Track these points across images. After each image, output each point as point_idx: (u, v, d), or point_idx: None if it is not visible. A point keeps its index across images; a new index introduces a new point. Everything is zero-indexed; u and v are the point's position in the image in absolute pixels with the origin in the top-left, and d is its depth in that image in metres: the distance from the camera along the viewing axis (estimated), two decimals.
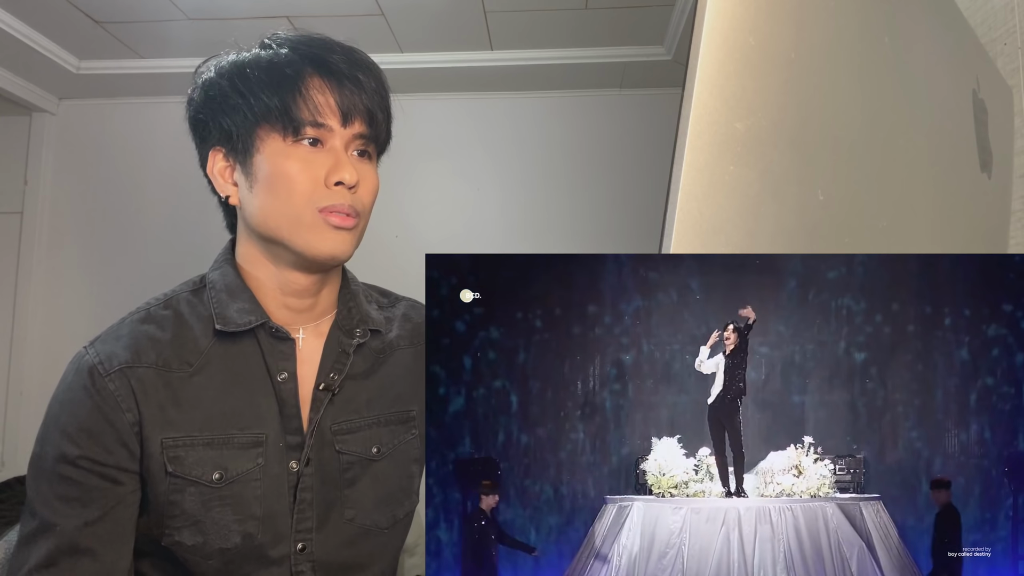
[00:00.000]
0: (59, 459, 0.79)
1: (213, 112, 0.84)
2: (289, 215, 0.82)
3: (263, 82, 0.82)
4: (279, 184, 0.81)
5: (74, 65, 2.91)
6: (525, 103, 3.24)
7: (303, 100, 0.81)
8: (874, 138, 0.65)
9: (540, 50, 2.90)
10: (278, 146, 0.82)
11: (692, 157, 0.43)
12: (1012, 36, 1.11)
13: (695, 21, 0.44)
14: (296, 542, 0.86)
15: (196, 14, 2.53)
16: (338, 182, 0.82)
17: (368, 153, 0.88)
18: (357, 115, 0.84)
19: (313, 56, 0.83)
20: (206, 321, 0.86)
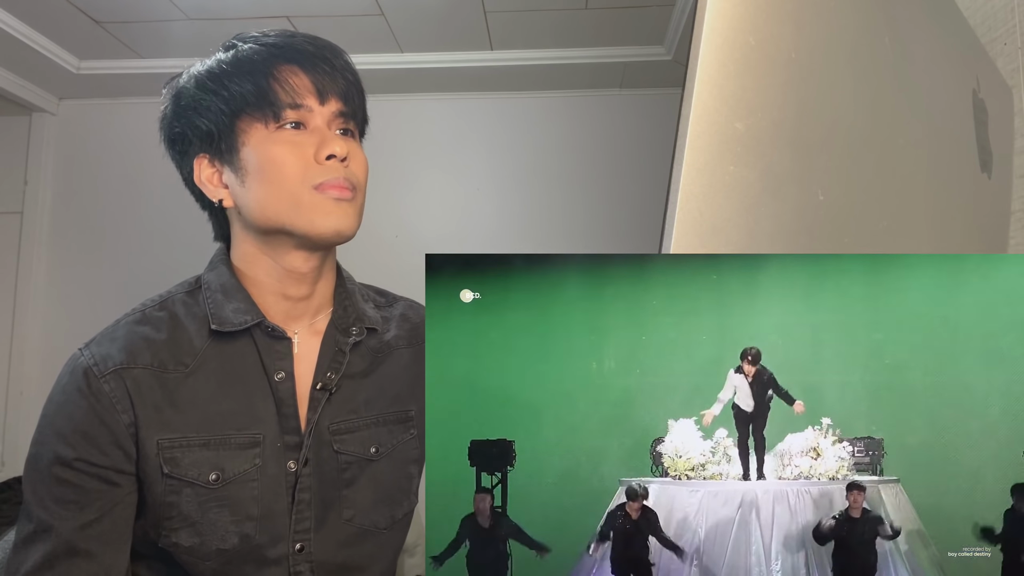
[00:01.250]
0: (55, 461, 0.78)
1: (188, 119, 0.84)
2: (286, 199, 0.81)
3: (233, 74, 0.82)
4: (270, 170, 0.81)
5: (74, 65, 2.91)
6: (525, 103, 3.24)
7: (277, 83, 0.82)
8: (874, 138, 0.65)
9: (540, 50, 2.90)
10: (262, 135, 0.82)
11: (692, 157, 0.43)
12: (1012, 36, 1.11)
13: (695, 21, 0.44)
14: (294, 543, 0.85)
15: (196, 14, 2.53)
16: (329, 155, 0.82)
17: (350, 131, 0.88)
18: (332, 93, 0.84)
19: (279, 45, 0.84)
20: (202, 321, 0.86)
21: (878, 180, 0.65)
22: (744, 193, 0.47)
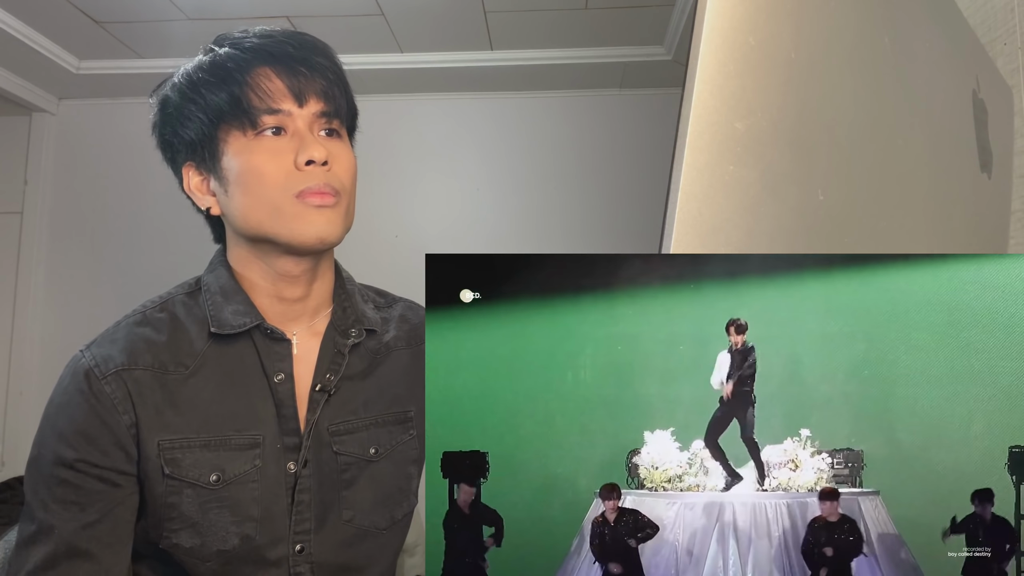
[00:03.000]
0: (56, 462, 0.79)
1: (173, 128, 0.84)
2: (267, 207, 0.80)
3: (208, 83, 0.81)
4: (250, 179, 0.80)
5: (74, 65, 2.91)
6: (525, 103, 3.24)
7: (251, 90, 0.80)
8: (874, 138, 0.65)
9: (540, 50, 2.90)
10: (241, 143, 0.81)
11: (692, 157, 0.43)
12: (1012, 36, 1.11)
13: (695, 21, 0.44)
14: (294, 543, 0.85)
15: (196, 14, 2.53)
16: (308, 161, 0.80)
17: (336, 131, 0.86)
18: (311, 94, 0.82)
19: (256, 48, 0.82)
20: (202, 323, 0.86)
21: (878, 180, 0.65)
22: (744, 193, 0.47)
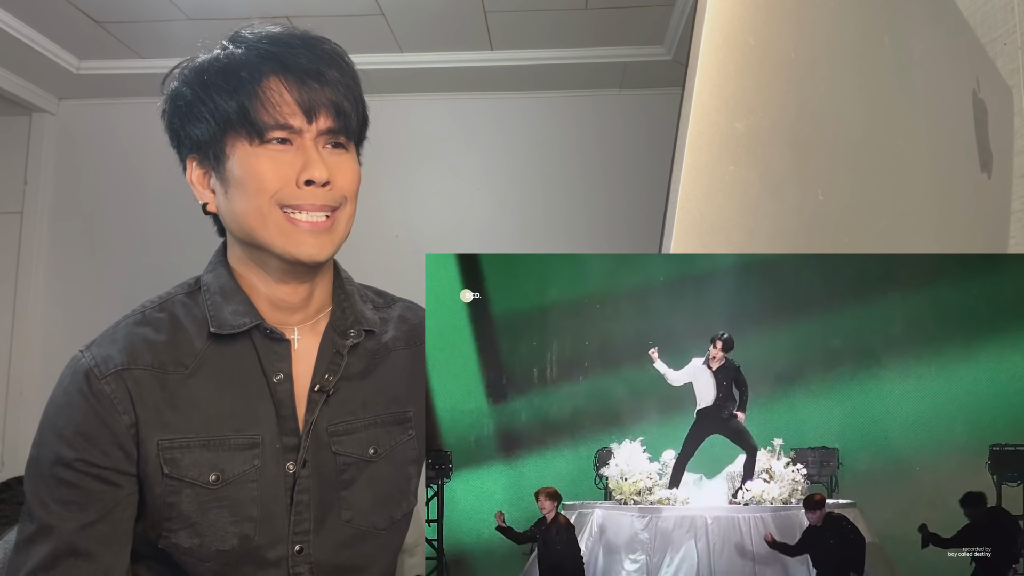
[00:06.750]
0: (56, 462, 0.79)
1: (182, 122, 0.84)
2: (255, 213, 0.81)
3: (220, 87, 0.80)
4: (249, 184, 0.80)
5: (74, 65, 2.91)
6: (525, 103, 3.24)
7: (260, 103, 0.79)
8: (874, 138, 0.65)
9: (540, 50, 2.89)
10: (246, 150, 0.81)
11: (692, 157, 0.43)
12: (1012, 36, 1.11)
13: (695, 21, 0.44)
14: (293, 544, 0.85)
15: (196, 14, 2.53)
16: (308, 181, 0.80)
17: (343, 145, 0.86)
18: (321, 109, 0.81)
19: (271, 54, 0.81)
20: (201, 323, 0.86)
21: (878, 180, 0.65)
22: (744, 193, 0.47)
